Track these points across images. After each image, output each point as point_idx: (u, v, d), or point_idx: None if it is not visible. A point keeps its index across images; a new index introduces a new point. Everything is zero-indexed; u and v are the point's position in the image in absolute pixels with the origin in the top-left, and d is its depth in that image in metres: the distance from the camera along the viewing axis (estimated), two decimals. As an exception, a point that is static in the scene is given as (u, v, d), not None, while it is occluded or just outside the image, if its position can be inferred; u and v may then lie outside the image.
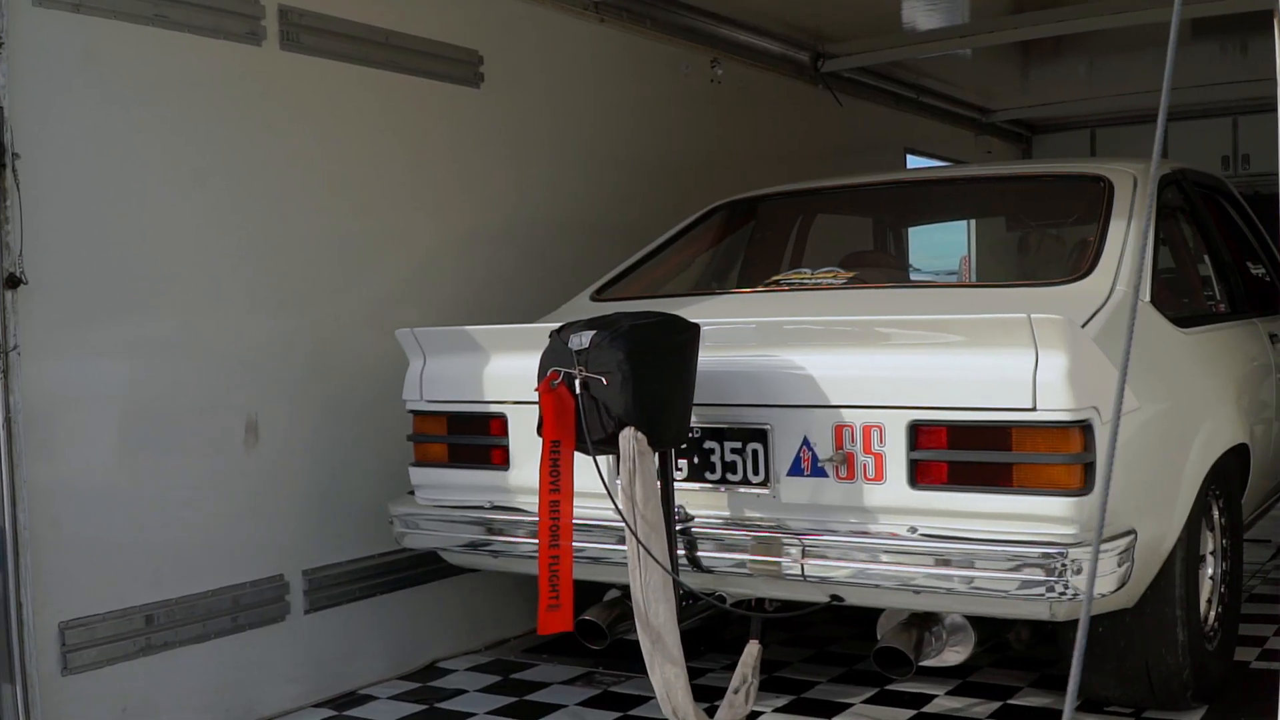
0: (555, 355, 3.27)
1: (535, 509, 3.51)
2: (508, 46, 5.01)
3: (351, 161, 4.38)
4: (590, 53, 5.51)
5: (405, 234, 4.59)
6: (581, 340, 3.21)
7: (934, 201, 5.49)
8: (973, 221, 8.93)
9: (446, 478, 3.96)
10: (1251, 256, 5.23)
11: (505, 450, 3.82)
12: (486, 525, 3.85)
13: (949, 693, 4.11)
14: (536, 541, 3.55)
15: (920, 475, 3.23)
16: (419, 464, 4.02)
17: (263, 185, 4.08)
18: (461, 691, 4.31)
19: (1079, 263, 3.88)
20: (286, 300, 4.15)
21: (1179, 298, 4.21)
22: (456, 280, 4.75)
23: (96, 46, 3.61)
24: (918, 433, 3.23)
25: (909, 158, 8.45)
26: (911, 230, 6.03)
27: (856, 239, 5.55)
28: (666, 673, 3.29)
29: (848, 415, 3.30)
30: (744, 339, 3.47)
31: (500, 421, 3.81)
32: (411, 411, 4.01)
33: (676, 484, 3.47)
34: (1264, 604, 5.05)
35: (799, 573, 3.36)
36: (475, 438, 3.88)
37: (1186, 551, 3.60)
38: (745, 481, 3.46)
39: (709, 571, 3.49)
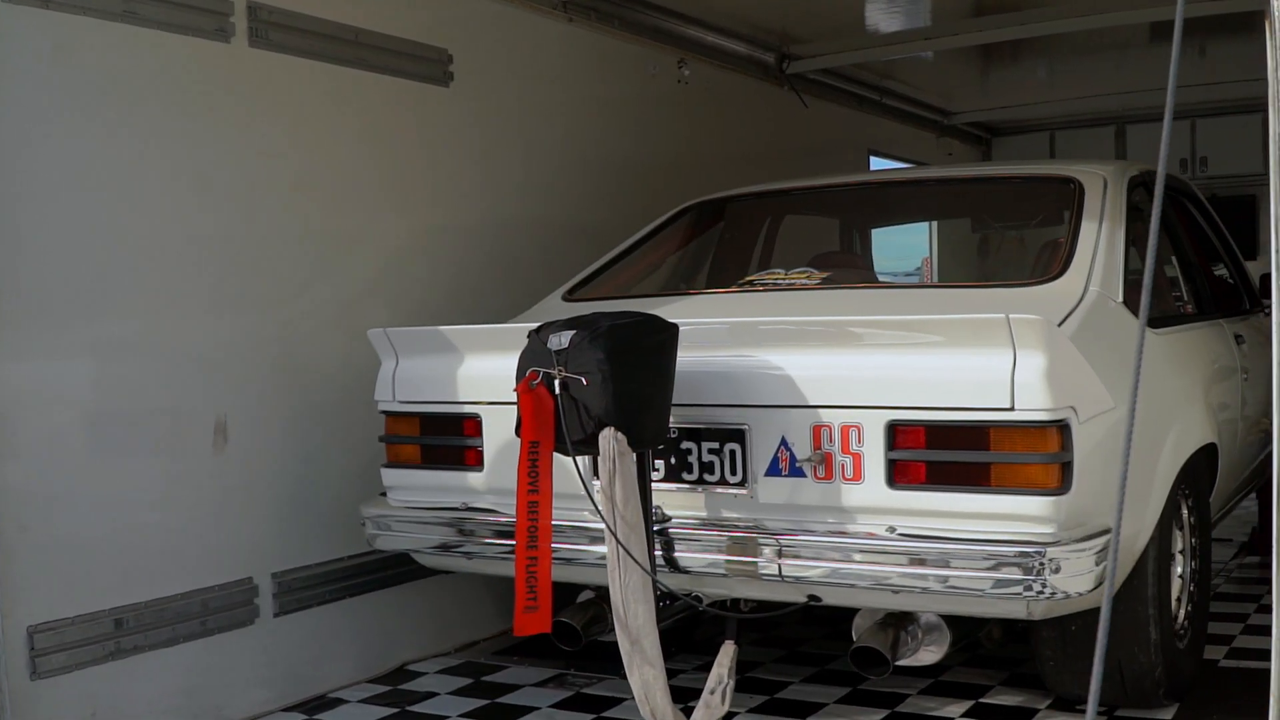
0: (534, 355, 3.24)
1: (510, 510, 3.50)
2: (477, 45, 4.98)
3: (320, 160, 4.34)
4: (559, 52, 5.49)
5: (373, 233, 4.56)
6: (561, 340, 3.18)
7: (904, 203, 5.51)
8: (935, 223, 9.00)
9: (419, 479, 3.93)
10: (1214, 258, 5.29)
11: (479, 451, 3.80)
12: (460, 527, 3.83)
13: (921, 692, 4.12)
14: (511, 543, 3.55)
15: (898, 475, 3.24)
16: (391, 465, 3.99)
17: (231, 183, 4.03)
18: (433, 694, 4.27)
19: (1051, 263, 3.90)
20: (256, 300, 4.11)
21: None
22: (424, 280, 4.72)
23: (66, 43, 3.56)
24: (896, 433, 3.23)
25: (872, 159, 8.49)
26: (877, 231, 6.05)
27: (825, 240, 5.56)
28: (645, 674, 3.27)
29: (826, 415, 3.30)
30: (722, 339, 3.46)
31: (474, 422, 3.79)
32: (384, 412, 3.98)
33: (653, 485, 3.45)
34: (1229, 602, 5.10)
35: (776, 573, 3.36)
36: (449, 439, 3.85)
37: (1159, 550, 3.63)
38: (723, 482, 3.46)
39: (686, 572, 3.48)
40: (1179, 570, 3.93)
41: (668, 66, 6.23)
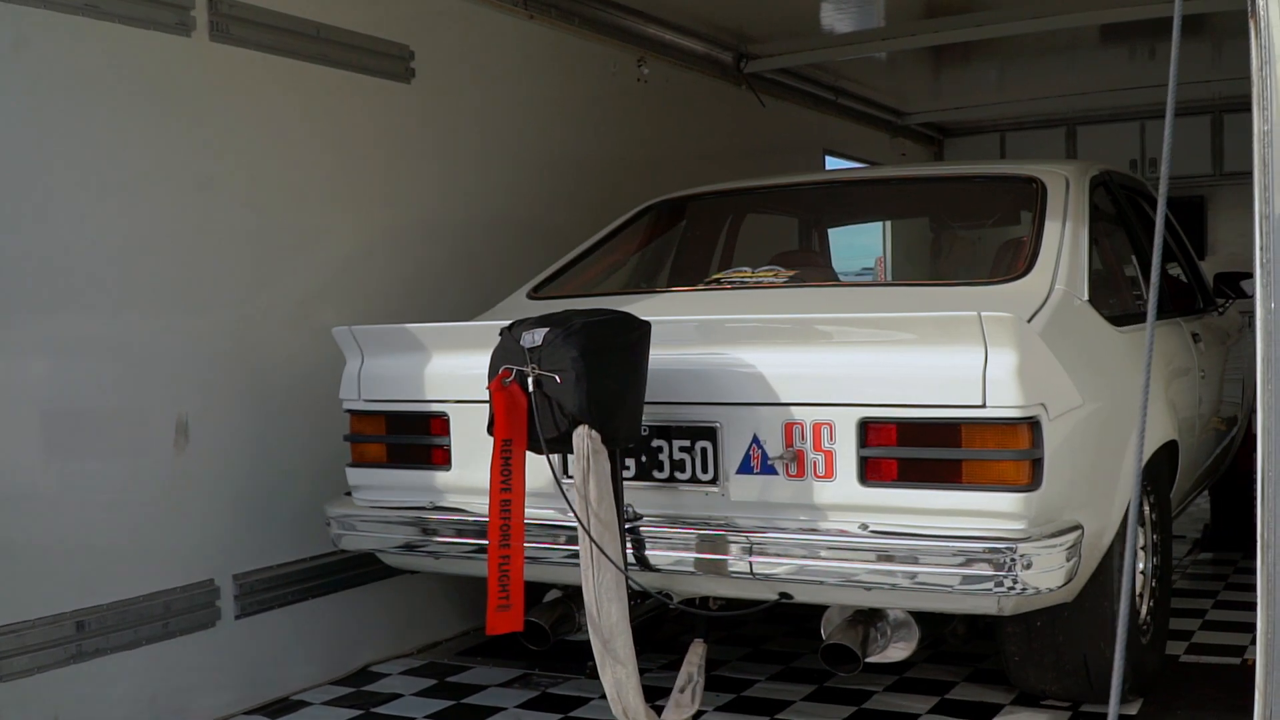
0: (507, 353, 3.22)
1: (478, 509, 3.47)
2: (438, 41, 4.96)
3: (280, 155, 4.29)
4: (520, 49, 5.48)
5: (334, 229, 4.52)
6: (534, 338, 3.16)
7: (866, 202, 5.53)
8: (888, 222, 9.05)
9: (385, 478, 3.89)
10: (1170, 257, 5.35)
11: (447, 450, 3.77)
12: (427, 526, 3.79)
13: (886, 689, 4.14)
14: (479, 542, 3.53)
15: (870, 472, 3.24)
16: (356, 465, 3.95)
17: (192, 178, 3.98)
18: (397, 695, 4.24)
19: (1015, 262, 3.92)
20: (217, 296, 4.06)
21: (1110, 297, 4.28)
22: (385, 277, 4.69)
23: (26, 37, 3.50)
24: (868, 430, 3.23)
25: (827, 159, 8.53)
26: (835, 230, 6.07)
27: (786, 239, 5.58)
28: (617, 673, 3.26)
29: (798, 413, 3.30)
30: (694, 337, 3.45)
31: (442, 421, 3.76)
32: (349, 411, 3.94)
33: (624, 483, 3.44)
34: (1186, 599, 5.16)
35: (747, 570, 3.35)
36: (416, 437, 3.82)
37: (1123, 547, 3.66)
38: (694, 480, 3.44)
39: (656, 570, 3.47)
40: (1141, 566, 3.97)
41: (627, 65, 6.23)
